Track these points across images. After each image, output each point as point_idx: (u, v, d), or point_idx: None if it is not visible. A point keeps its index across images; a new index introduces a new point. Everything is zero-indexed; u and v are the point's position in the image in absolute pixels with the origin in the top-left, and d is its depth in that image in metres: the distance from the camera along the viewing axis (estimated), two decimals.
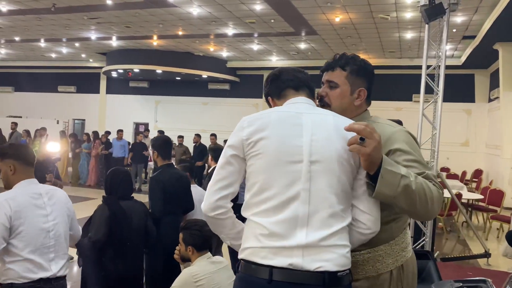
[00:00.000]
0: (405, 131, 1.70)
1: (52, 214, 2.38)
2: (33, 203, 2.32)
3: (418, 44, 10.50)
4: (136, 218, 3.00)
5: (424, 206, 1.48)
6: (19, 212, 2.25)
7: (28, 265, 2.28)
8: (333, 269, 1.42)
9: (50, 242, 2.35)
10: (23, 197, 2.30)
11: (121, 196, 3.02)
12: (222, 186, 1.52)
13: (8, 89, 17.90)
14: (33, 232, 2.29)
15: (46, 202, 2.38)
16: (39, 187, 2.42)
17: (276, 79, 1.72)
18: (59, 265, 2.38)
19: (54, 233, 2.36)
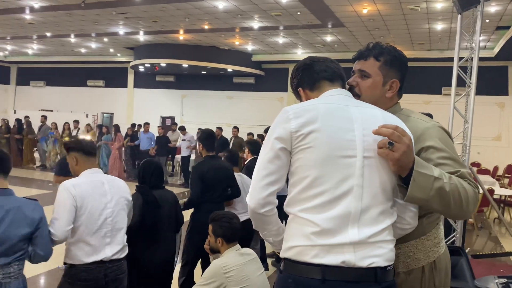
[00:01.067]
0: (439, 126, 1.63)
1: (112, 202, 2.56)
2: (95, 190, 2.50)
3: (449, 36, 10.21)
4: (167, 206, 3.15)
5: (459, 207, 1.44)
6: (83, 197, 2.43)
7: (86, 248, 2.46)
8: (384, 264, 1.40)
9: (108, 228, 2.52)
10: (87, 185, 2.49)
11: (153, 186, 3.16)
12: (270, 181, 1.45)
13: (40, 83, 18.43)
14: (94, 217, 2.47)
15: (108, 190, 2.56)
16: (102, 176, 2.62)
17: (308, 69, 1.64)
18: (114, 249, 2.55)
19: (112, 219, 2.54)
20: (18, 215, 2.20)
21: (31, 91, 18.68)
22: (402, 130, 1.39)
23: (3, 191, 2.25)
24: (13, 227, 2.18)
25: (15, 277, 2.24)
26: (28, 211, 2.25)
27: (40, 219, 2.28)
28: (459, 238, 5.15)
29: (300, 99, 1.67)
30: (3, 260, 2.16)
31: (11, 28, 12.29)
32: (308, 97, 1.62)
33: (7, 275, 2.20)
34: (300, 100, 1.67)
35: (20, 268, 2.27)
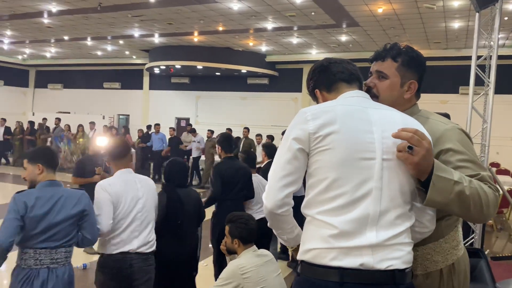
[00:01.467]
0: (458, 128, 1.61)
1: (143, 198, 2.82)
2: (128, 188, 2.77)
3: (466, 34, 10.05)
4: (190, 204, 3.31)
5: (479, 210, 1.42)
6: (118, 195, 2.71)
7: (117, 239, 2.72)
8: (402, 267, 1.39)
9: (137, 222, 2.78)
10: (120, 183, 2.77)
11: (178, 184, 3.32)
12: (288, 182, 1.44)
13: (58, 86, 18.73)
14: (126, 213, 2.73)
15: (139, 188, 2.83)
16: (133, 175, 2.89)
17: (325, 70, 1.63)
18: (141, 242, 2.78)
19: (141, 215, 2.80)
20: (67, 203, 2.44)
21: (49, 94, 19.01)
22: (422, 134, 1.37)
23: (52, 182, 2.49)
24: (62, 214, 2.40)
25: (62, 263, 2.42)
26: (75, 199, 2.48)
27: (86, 206, 2.51)
28: (478, 239, 5.07)
29: (317, 100, 1.66)
30: (52, 244, 2.37)
31: (30, 32, 12.53)
32: (325, 99, 1.61)
33: (55, 261, 2.39)
34: (316, 102, 1.66)
35: (67, 256, 2.46)
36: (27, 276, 2.34)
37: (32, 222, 2.33)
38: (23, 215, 2.32)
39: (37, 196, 2.38)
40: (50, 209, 2.37)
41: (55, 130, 13.92)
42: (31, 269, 2.35)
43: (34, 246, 2.35)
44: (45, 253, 2.36)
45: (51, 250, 2.37)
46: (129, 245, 2.73)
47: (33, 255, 2.35)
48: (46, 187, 2.46)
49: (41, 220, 2.34)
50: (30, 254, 2.35)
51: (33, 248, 2.35)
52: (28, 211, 2.32)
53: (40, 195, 2.39)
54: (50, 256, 2.38)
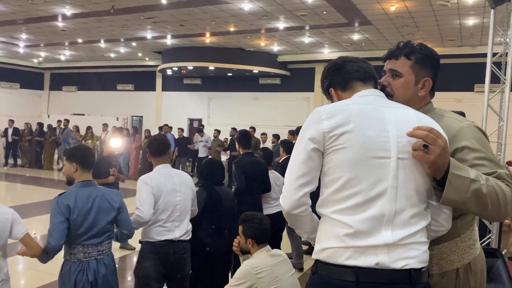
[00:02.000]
0: (474, 126, 1.59)
1: (181, 191, 3.08)
2: (167, 182, 3.02)
3: (481, 31, 9.91)
4: (226, 200, 3.53)
5: (496, 209, 1.40)
6: (158, 188, 2.96)
7: (161, 229, 2.99)
8: (418, 266, 1.38)
9: (177, 213, 3.05)
10: (160, 177, 3.01)
11: (215, 182, 3.55)
12: (304, 183, 1.44)
13: (72, 88, 18.99)
14: (167, 204, 2.99)
15: (177, 182, 3.08)
16: (171, 170, 3.15)
17: (340, 69, 1.62)
18: (182, 231, 3.07)
19: (180, 206, 3.06)
20: (103, 202, 2.63)
21: (63, 96, 19.28)
22: (437, 132, 1.36)
23: (87, 183, 2.66)
24: (100, 213, 2.60)
25: (107, 254, 2.68)
26: (110, 198, 2.67)
27: (120, 204, 2.71)
28: (495, 239, 4.99)
29: (331, 99, 1.65)
30: (96, 240, 2.60)
31: (45, 36, 12.73)
32: (340, 98, 1.60)
33: (101, 253, 2.64)
34: (331, 101, 1.65)
35: (109, 246, 2.72)
36: (80, 268, 2.57)
37: (76, 223, 2.53)
38: (68, 217, 2.51)
39: (76, 197, 2.56)
40: (90, 209, 2.57)
41: (63, 131, 14.15)
42: (81, 262, 2.58)
43: (81, 243, 2.57)
44: (92, 247, 2.60)
45: (96, 244, 2.61)
46: (172, 234, 3.01)
47: (82, 249, 2.58)
48: (82, 187, 2.62)
49: (83, 220, 2.54)
50: (79, 249, 2.58)
51: (81, 244, 2.57)
52: (71, 213, 2.51)
53: (78, 196, 2.57)
54: (97, 249, 2.61)
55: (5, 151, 14.72)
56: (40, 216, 7.37)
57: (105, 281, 2.63)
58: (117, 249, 5.73)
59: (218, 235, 3.38)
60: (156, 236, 2.98)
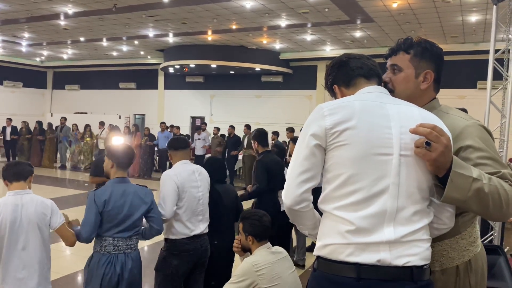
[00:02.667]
0: (479, 124, 1.58)
1: (201, 187, 3.17)
2: (190, 177, 3.11)
3: (484, 28, 9.86)
4: (229, 199, 3.53)
5: (498, 209, 1.40)
6: (183, 183, 3.03)
7: (188, 224, 3.05)
8: (420, 263, 1.38)
9: (200, 207, 3.14)
10: (184, 173, 3.08)
11: (216, 180, 3.53)
12: (306, 178, 1.44)
13: (75, 87, 19.02)
14: (192, 200, 3.07)
15: (197, 177, 3.16)
16: (192, 166, 3.22)
17: (344, 66, 1.61)
18: (205, 225, 3.16)
19: (202, 201, 3.15)
20: (136, 198, 2.74)
21: (66, 95, 19.33)
22: (440, 130, 1.36)
23: (122, 179, 2.78)
24: (133, 208, 2.71)
25: (134, 248, 2.78)
26: (142, 195, 2.78)
27: (151, 200, 2.81)
28: (498, 236, 4.98)
29: (335, 96, 1.65)
30: (127, 234, 2.71)
31: (47, 34, 12.75)
32: (344, 95, 1.60)
33: (129, 247, 2.74)
34: (334, 97, 1.65)
35: (136, 242, 2.82)
36: (108, 260, 2.66)
37: (110, 215, 2.64)
38: (102, 211, 2.63)
39: (111, 192, 2.68)
40: (123, 204, 2.68)
41: (62, 129, 14.21)
42: (111, 254, 2.68)
43: (112, 235, 2.67)
44: (122, 240, 2.70)
45: (125, 238, 2.71)
46: (199, 228, 3.10)
47: (112, 242, 2.68)
48: (117, 183, 2.75)
49: (117, 214, 2.66)
50: (109, 241, 2.68)
51: (112, 236, 2.68)
52: (106, 206, 2.63)
53: (114, 191, 2.69)
54: (126, 243, 2.71)
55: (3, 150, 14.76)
56: None
57: (131, 275, 2.72)
58: None
59: (219, 233, 3.39)
60: (185, 232, 3.05)
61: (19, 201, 2.55)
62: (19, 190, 2.59)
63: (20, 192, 2.58)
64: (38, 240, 2.57)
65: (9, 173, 2.63)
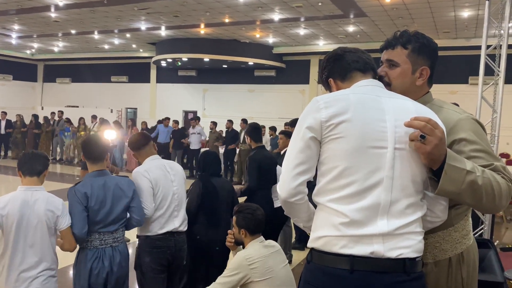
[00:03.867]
0: (472, 118, 1.60)
1: (176, 181, 3.07)
2: (162, 172, 3.01)
3: (476, 23, 9.91)
4: (224, 192, 3.52)
5: (491, 201, 1.41)
6: (155, 179, 2.94)
7: (162, 220, 2.96)
8: (413, 256, 1.40)
9: (175, 203, 3.04)
10: (156, 168, 2.99)
11: (212, 174, 3.53)
12: (301, 171, 1.45)
13: (66, 80, 18.84)
14: (165, 195, 2.98)
15: (170, 172, 3.07)
16: (163, 161, 3.14)
17: (339, 59, 1.62)
18: (180, 221, 3.06)
19: (177, 196, 3.06)
20: (117, 190, 2.69)
21: (57, 88, 19.13)
22: (435, 123, 1.36)
23: (101, 172, 2.72)
24: (115, 200, 2.67)
25: (121, 241, 2.75)
26: (123, 186, 2.74)
27: (133, 191, 2.79)
28: (488, 230, 5.04)
29: (330, 90, 1.65)
30: (112, 227, 2.67)
31: (37, 26, 12.59)
32: (339, 88, 1.61)
33: (116, 240, 2.71)
34: (329, 91, 1.65)
35: (123, 234, 2.79)
36: (96, 255, 2.63)
37: (93, 211, 2.60)
38: (86, 205, 2.58)
39: (92, 185, 2.62)
40: (105, 197, 2.64)
41: (59, 123, 14.12)
42: (97, 249, 2.64)
43: (98, 230, 2.64)
44: (108, 234, 2.67)
45: (112, 232, 2.68)
46: (172, 224, 3.00)
47: (98, 237, 2.64)
48: (95, 177, 2.68)
49: (100, 209, 2.61)
50: (95, 236, 2.64)
51: (97, 232, 2.64)
52: (89, 201, 2.58)
53: (93, 184, 2.63)
54: (112, 237, 2.69)
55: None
56: None
57: (120, 268, 2.70)
58: None
59: (214, 227, 3.37)
60: (156, 229, 2.95)
61: (30, 197, 2.47)
62: (30, 186, 2.51)
63: (31, 188, 2.50)
64: (46, 238, 2.50)
65: (24, 166, 2.55)
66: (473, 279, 1.66)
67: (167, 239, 2.98)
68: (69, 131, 13.82)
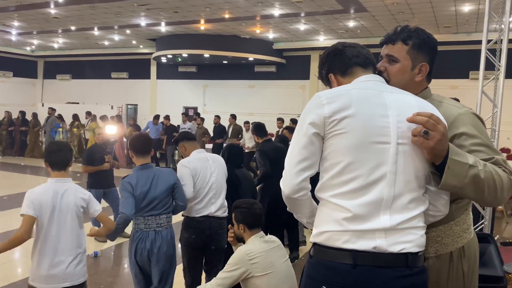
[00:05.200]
0: (472, 112, 1.61)
1: (215, 172, 3.52)
2: (203, 164, 3.48)
3: (477, 18, 9.88)
4: (246, 181, 3.96)
5: (493, 194, 1.42)
6: (195, 169, 3.41)
7: (198, 206, 3.41)
8: (415, 250, 1.40)
9: (212, 191, 3.47)
10: (197, 160, 3.48)
11: (235, 165, 3.95)
12: (305, 167, 1.45)
13: (66, 76, 18.80)
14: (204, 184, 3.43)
15: (211, 164, 3.53)
16: (207, 154, 3.63)
17: (340, 54, 1.61)
18: (217, 207, 3.47)
19: (215, 185, 3.49)
20: (160, 180, 3.11)
21: (58, 84, 19.10)
22: (437, 118, 1.37)
23: (146, 165, 3.16)
24: (158, 189, 3.09)
25: (165, 226, 3.15)
26: (165, 177, 3.15)
27: (175, 180, 3.21)
28: (488, 225, 5.05)
29: (330, 85, 1.64)
30: (156, 212, 3.09)
31: (37, 23, 12.56)
32: (340, 83, 1.60)
33: (159, 225, 3.11)
34: (329, 86, 1.65)
35: (168, 220, 3.19)
36: (140, 236, 3.09)
37: (139, 198, 3.03)
38: (133, 193, 3.01)
39: (137, 178, 3.06)
40: (149, 187, 3.06)
41: (48, 120, 14.06)
42: (143, 231, 3.09)
43: (143, 215, 3.08)
44: (151, 219, 3.09)
45: (155, 216, 3.09)
46: (208, 210, 3.42)
47: (143, 221, 3.09)
48: (141, 170, 3.13)
49: (145, 196, 3.04)
50: (140, 220, 3.10)
51: (142, 216, 3.08)
52: (134, 190, 3.02)
53: (139, 177, 3.08)
54: (155, 222, 3.09)
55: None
56: None
57: (159, 250, 3.08)
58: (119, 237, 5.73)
59: None
60: (194, 213, 3.41)
61: (60, 188, 2.67)
62: (60, 178, 2.73)
63: (60, 180, 2.72)
64: (75, 226, 2.69)
65: (52, 160, 2.74)
66: (473, 273, 1.67)
67: (203, 222, 3.40)
68: (60, 127, 13.81)
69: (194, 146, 3.63)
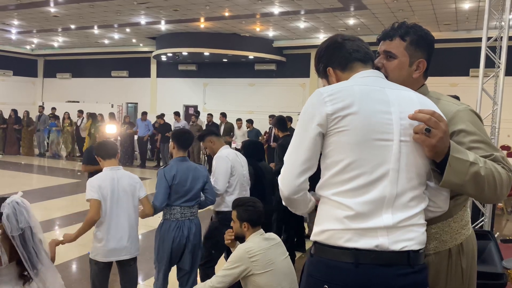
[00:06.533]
0: (470, 109, 1.60)
1: (244, 166, 3.80)
2: (236, 158, 3.70)
3: (477, 15, 9.86)
4: (268, 174, 4.21)
5: (493, 191, 1.42)
6: (233, 162, 3.64)
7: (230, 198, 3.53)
8: (417, 248, 1.39)
9: (245, 184, 3.75)
10: (231, 154, 3.70)
11: (258, 159, 4.21)
12: (307, 168, 1.43)
13: (66, 75, 18.79)
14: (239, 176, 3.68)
15: (240, 158, 3.78)
16: (233, 150, 3.85)
17: (339, 47, 1.56)
18: None
19: (246, 179, 3.77)
20: (196, 173, 3.33)
21: (58, 83, 19.09)
22: (439, 116, 1.36)
23: (183, 158, 3.37)
24: (194, 181, 3.31)
25: (196, 215, 3.39)
26: (200, 171, 3.37)
27: (207, 175, 3.41)
28: (488, 222, 5.05)
29: (327, 79, 1.61)
30: (191, 203, 3.31)
31: (37, 22, 12.55)
32: (339, 78, 1.56)
33: (193, 214, 3.35)
34: (327, 80, 1.61)
35: (197, 210, 3.41)
36: (177, 226, 3.26)
37: (177, 188, 3.23)
38: (171, 184, 3.20)
39: (177, 169, 3.25)
40: (187, 178, 3.26)
41: (40, 118, 14.03)
42: (179, 221, 3.27)
43: (180, 204, 3.27)
44: (187, 208, 3.30)
45: (190, 207, 3.31)
46: None
47: (180, 211, 3.28)
48: (180, 161, 3.33)
49: (183, 186, 3.25)
50: (177, 210, 3.28)
51: (179, 206, 3.27)
52: (174, 180, 3.21)
53: (179, 168, 3.27)
54: (190, 211, 3.32)
55: None
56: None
57: (195, 237, 3.31)
58: None
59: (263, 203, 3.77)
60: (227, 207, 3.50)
61: (115, 175, 3.10)
62: (113, 166, 3.15)
63: (114, 168, 3.14)
64: (131, 206, 3.13)
65: (103, 153, 3.18)
66: (472, 269, 1.67)
67: None
68: (55, 125, 13.81)
69: (221, 141, 3.80)
